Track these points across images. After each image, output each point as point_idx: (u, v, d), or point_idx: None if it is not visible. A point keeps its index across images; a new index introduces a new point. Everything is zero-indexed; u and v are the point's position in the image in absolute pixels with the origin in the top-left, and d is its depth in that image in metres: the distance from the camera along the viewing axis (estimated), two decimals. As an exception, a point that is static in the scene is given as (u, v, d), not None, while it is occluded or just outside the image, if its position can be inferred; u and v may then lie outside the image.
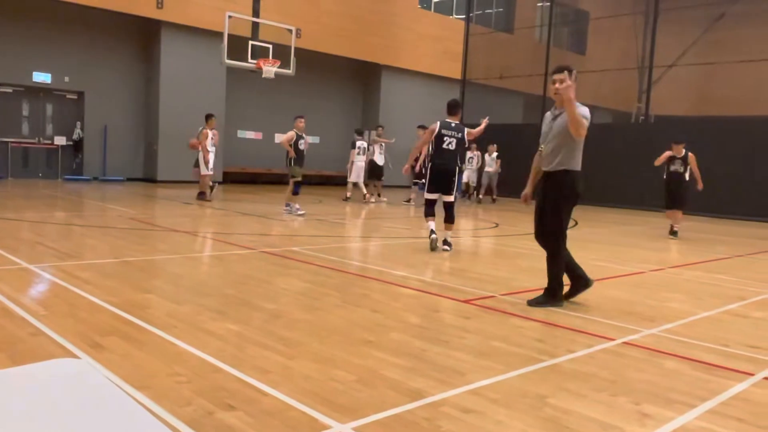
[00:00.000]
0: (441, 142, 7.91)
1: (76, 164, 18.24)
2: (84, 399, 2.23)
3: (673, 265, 7.99)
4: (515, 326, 4.46)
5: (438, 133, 7.90)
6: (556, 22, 24.96)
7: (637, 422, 2.86)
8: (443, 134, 7.91)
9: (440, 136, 7.90)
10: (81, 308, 4.29)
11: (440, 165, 7.94)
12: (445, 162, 7.93)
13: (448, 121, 8.00)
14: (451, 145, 7.92)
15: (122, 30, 18.33)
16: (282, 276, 5.89)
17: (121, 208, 11.10)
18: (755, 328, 4.87)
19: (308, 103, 22.35)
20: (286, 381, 3.13)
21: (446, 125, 7.97)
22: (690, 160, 10.95)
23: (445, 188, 8.01)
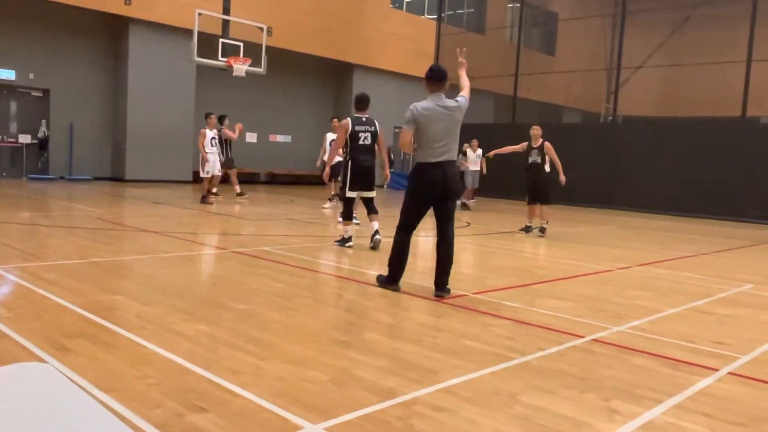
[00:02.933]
0: (357, 139, 7.84)
1: (41, 163, 17.85)
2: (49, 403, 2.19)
3: (641, 263, 8.13)
4: (487, 325, 4.50)
5: (352, 130, 7.82)
6: (527, 23, 25.23)
7: (606, 418, 2.91)
8: (357, 131, 7.84)
9: (354, 133, 7.83)
10: (47, 310, 4.20)
11: (363, 161, 7.86)
12: (366, 158, 7.88)
13: (358, 116, 7.95)
14: (366, 140, 7.87)
15: (89, 26, 17.99)
16: (254, 276, 5.84)
17: (88, 208, 10.90)
18: (720, 324, 4.98)
19: (280, 102, 22.24)
20: (258, 382, 3.10)
21: (358, 121, 7.90)
22: (547, 150, 10.31)
23: (368, 185, 7.99)
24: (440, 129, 5.26)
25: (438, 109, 5.28)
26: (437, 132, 5.25)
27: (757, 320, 5.19)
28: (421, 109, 5.28)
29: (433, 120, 5.24)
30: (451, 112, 5.32)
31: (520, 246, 9.48)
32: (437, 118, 5.26)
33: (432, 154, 5.24)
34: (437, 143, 5.24)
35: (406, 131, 5.31)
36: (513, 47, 23.12)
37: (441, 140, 5.26)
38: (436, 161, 5.24)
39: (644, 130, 19.59)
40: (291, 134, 22.62)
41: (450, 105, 5.34)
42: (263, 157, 21.90)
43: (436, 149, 5.24)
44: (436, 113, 5.26)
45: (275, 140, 22.46)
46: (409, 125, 5.29)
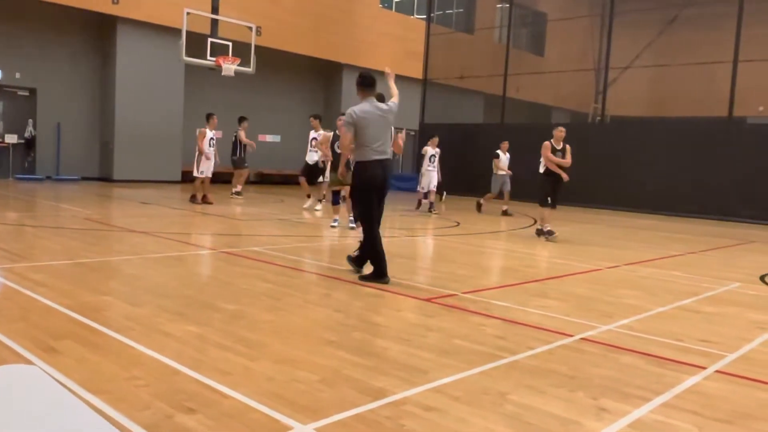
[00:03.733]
0: None
1: (28, 163, 17.69)
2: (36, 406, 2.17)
3: (629, 262, 8.18)
4: (477, 324, 4.51)
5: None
6: (515, 24, 25.32)
7: (595, 417, 2.92)
8: None
9: None
10: (34, 311, 4.17)
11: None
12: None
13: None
14: None
15: (76, 25, 17.85)
16: (243, 276, 5.82)
17: (76, 208, 10.82)
18: (707, 322, 5.02)
19: (269, 102, 22.17)
20: (248, 382, 3.09)
21: None
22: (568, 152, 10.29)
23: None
24: (377, 130, 5.82)
25: (375, 112, 5.84)
26: (375, 132, 5.80)
27: (744, 318, 5.24)
28: (359, 112, 5.80)
29: (370, 122, 5.79)
30: (385, 115, 5.91)
31: (510, 246, 9.51)
32: (374, 120, 5.81)
33: (372, 152, 5.80)
34: (375, 143, 5.80)
35: (347, 133, 5.81)
36: (502, 47, 23.19)
37: (378, 140, 5.82)
38: (377, 159, 5.81)
39: (632, 130, 19.70)
40: (280, 134, 22.55)
41: (384, 108, 5.94)
42: (252, 156, 21.74)
43: (375, 148, 5.80)
44: (373, 116, 5.81)
45: (264, 140, 22.38)
46: (349, 128, 5.79)
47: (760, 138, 16.95)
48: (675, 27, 24.77)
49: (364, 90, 5.94)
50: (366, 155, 5.80)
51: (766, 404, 3.24)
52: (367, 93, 5.93)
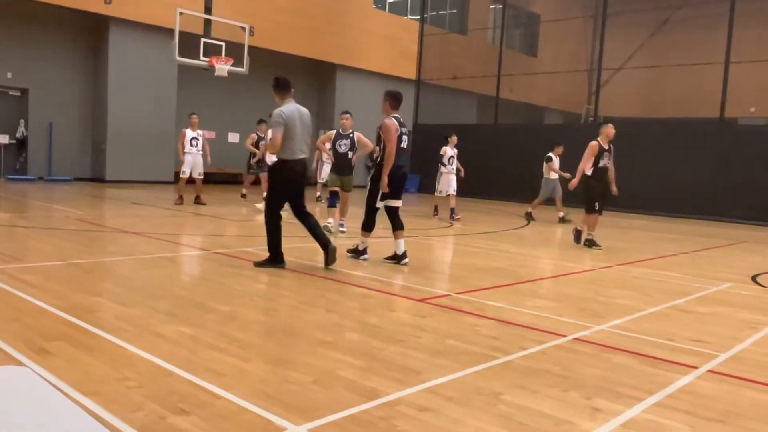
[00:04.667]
0: (400, 142, 6.86)
1: (19, 163, 17.60)
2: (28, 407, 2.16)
3: (622, 262, 8.21)
4: (470, 324, 4.51)
5: (399, 132, 6.88)
6: (509, 25, 25.38)
7: (588, 416, 2.93)
8: (402, 132, 6.91)
9: (399, 136, 6.88)
10: (26, 313, 4.14)
11: (399, 169, 6.91)
12: (402, 164, 6.96)
13: (398, 117, 6.97)
14: (405, 143, 6.99)
15: (69, 25, 17.76)
16: (236, 277, 5.81)
17: (68, 209, 10.77)
18: (699, 322, 5.04)
19: (262, 103, 22.11)
20: (241, 383, 3.09)
21: (400, 122, 6.95)
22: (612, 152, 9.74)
23: (399, 193, 7.05)
24: (300, 130, 6.20)
25: (297, 113, 6.22)
26: (298, 133, 6.18)
27: (735, 318, 5.26)
28: (287, 113, 6.12)
29: (296, 122, 6.16)
30: (304, 117, 6.29)
31: (504, 246, 9.53)
32: (300, 120, 6.21)
33: (295, 151, 6.17)
34: (298, 143, 6.18)
35: (279, 133, 6.05)
36: (495, 48, 23.25)
37: (301, 140, 6.21)
38: (299, 158, 6.21)
39: (624, 131, 19.69)
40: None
41: (303, 110, 6.33)
42: (246, 157, 21.73)
43: (298, 148, 6.18)
44: (297, 117, 6.19)
45: (258, 140, 22.35)
46: (280, 127, 6.05)
47: (752, 139, 17.06)
48: (667, 28, 24.87)
49: (282, 92, 6.29)
50: (290, 154, 6.17)
51: (757, 403, 3.26)
52: (285, 95, 6.28)
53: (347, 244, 7.70)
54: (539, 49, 28.70)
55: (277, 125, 6.08)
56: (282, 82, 6.32)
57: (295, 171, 6.23)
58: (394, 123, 6.81)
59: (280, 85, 6.31)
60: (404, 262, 6.84)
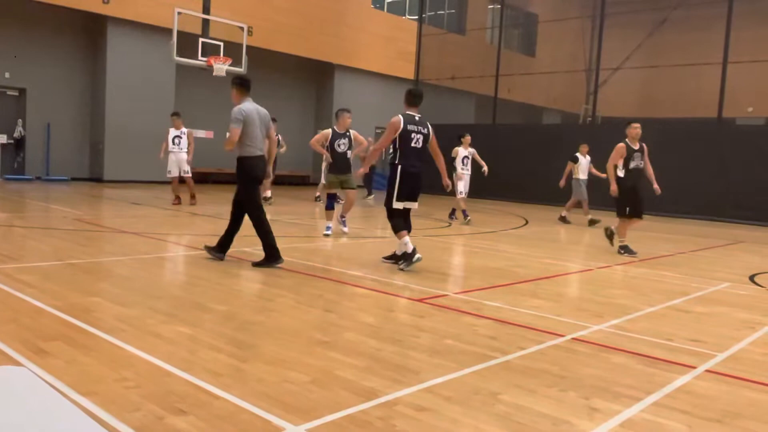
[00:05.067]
0: (408, 141, 6.68)
1: (17, 163, 17.57)
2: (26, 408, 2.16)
3: (620, 262, 8.21)
4: (468, 324, 4.51)
5: (403, 129, 6.66)
6: (507, 25, 25.40)
7: (586, 416, 2.93)
8: (409, 130, 6.68)
9: (406, 134, 6.67)
10: (23, 313, 4.14)
11: (411, 167, 6.73)
12: (415, 164, 6.76)
13: (410, 114, 6.77)
14: (418, 143, 6.75)
15: (67, 25, 17.74)
16: (234, 277, 5.81)
17: (66, 209, 10.75)
18: (697, 322, 5.05)
19: (260, 103, 21.94)
20: (239, 384, 3.08)
21: (410, 119, 6.73)
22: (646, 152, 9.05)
23: (415, 195, 6.89)
24: (259, 128, 6.41)
25: (256, 112, 6.43)
26: (257, 131, 6.40)
27: (733, 318, 5.27)
28: (247, 110, 6.34)
29: (255, 120, 6.37)
30: (262, 116, 6.48)
31: (502, 246, 9.53)
32: (258, 118, 6.41)
33: (255, 148, 6.39)
34: (257, 140, 6.41)
35: (237, 129, 6.24)
36: (493, 48, 23.25)
37: (259, 137, 6.43)
38: (260, 154, 6.45)
39: (622, 131, 19.77)
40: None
41: (261, 109, 6.53)
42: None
43: (257, 145, 6.41)
44: (256, 115, 6.40)
45: (256, 140, 22.36)
46: (239, 124, 6.26)
47: (749, 139, 17.08)
48: (665, 28, 24.91)
49: (243, 91, 6.49)
50: (251, 151, 6.38)
51: (755, 403, 3.26)
52: (245, 94, 6.48)
53: (348, 243, 7.70)
54: (537, 49, 28.72)
55: (237, 122, 6.27)
56: (246, 81, 6.58)
57: (255, 167, 6.43)
58: (399, 119, 6.69)
59: (244, 84, 6.53)
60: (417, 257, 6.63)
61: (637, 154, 8.79)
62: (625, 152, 8.78)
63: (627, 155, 8.78)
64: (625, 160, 8.79)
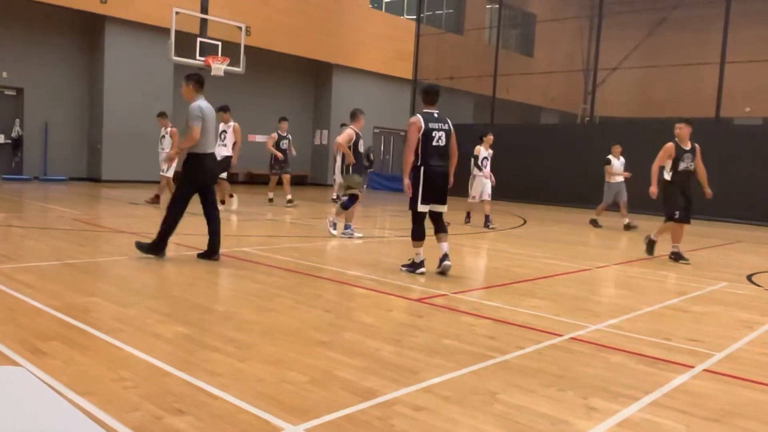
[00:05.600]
0: (430, 139, 6.31)
1: (15, 163, 17.54)
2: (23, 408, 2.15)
3: (618, 262, 8.22)
4: (467, 324, 4.52)
5: (425, 128, 6.30)
6: (505, 25, 25.40)
7: (584, 416, 2.94)
8: (430, 128, 6.32)
9: (428, 132, 6.30)
10: (21, 313, 4.13)
11: (436, 167, 6.37)
12: (440, 163, 6.41)
13: (429, 112, 6.43)
14: (441, 140, 6.39)
15: (64, 24, 17.72)
16: (232, 277, 5.80)
17: (64, 209, 10.74)
18: (695, 322, 5.06)
19: (258, 102, 22.10)
20: (237, 383, 3.08)
21: (430, 117, 6.39)
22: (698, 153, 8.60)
23: (442, 196, 6.52)
24: (213, 126, 6.64)
25: (210, 109, 6.58)
26: (212, 128, 6.60)
27: (731, 318, 5.28)
28: (205, 108, 6.48)
29: (211, 118, 6.55)
30: (213, 114, 6.63)
31: (500, 246, 9.54)
32: (211, 116, 6.56)
33: (207, 146, 6.53)
34: (211, 138, 6.60)
35: (198, 127, 6.35)
36: (492, 48, 23.25)
37: (213, 135, 6.66)
38: (210, 152, 6.59)
39: (620, 131, 19.77)
40: (270, 134, 22.48)
41: (210, 107, 6.64)
42: (242, 157, 21.62)
43: (210, 143, 6.59)
44: (210, 112, 6.55)
45: (254, 140, 22.33)
46: (198, 121, 6.37)
47: (747, 139, 17.10)
48: (663, 29, 24.94)
49: (198, 89, 6.58)
50: (205, 148, 6.52)
51: (753, 402, 3.27)
52: (200, 91, 6.59)
53: (346, 244, 7.70)
54: (535, 49, 28.74)
55: (197, 119, 6.37)
56: (202, 78, 6.69)
57: (206, 164, 6.54)
58: (418, 119, 6.35)
59: (200, 81, 6.62)
60: (445, 263, 6.43)
61: (687, 155, 8.29)
62: (674, 152, 8.28)
63: (676, 156, 8.27)
64: (674, 161, 8.29)
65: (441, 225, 6.64)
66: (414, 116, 6.46)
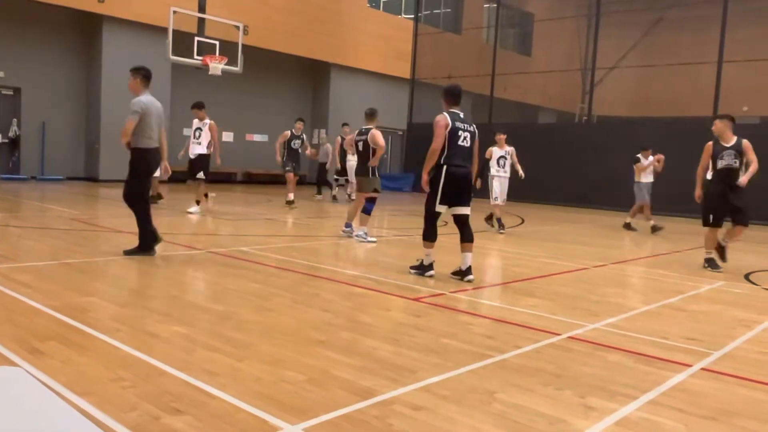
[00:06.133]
0: (455, 139, 6.16)
1: (12, 163, 17.52)
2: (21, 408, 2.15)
3: (615, 261, 8.23)
4: (464, 323, 4.52)
5: (452, 127, 6.14)
6: (503, 24, 25.41)
7: (582, 415, 2.94)
8: (457, 128, 6.16)
9: (454, 131, 6.14)
10: (19, 313, 4.12)
11: (459, 168, 6.19)
12: (463, 164, 6.23)
13: (455, 112, 6.27)
14: (466, 141, 6.23)
15: (62, 24, 17.69)
16: (230, 277, 5.80)
17: (62, 209, 10.72)
18: (693, 321, 5.07)
19: (256, 101, 22.10)
20: (236, 383, 3.08)
21: (456, 117, 6.22)
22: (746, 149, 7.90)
23: (463, 198, 6.33)
24: (155, 120, 6.59)
25: (154, 104, 6.60)
26: (154, 123, 6.57)
27: (728, 316, 5.29)
28: (146, 102, 6.49)
29: (152, 113, 6.54)
30: (159, 109, 6.66)
31: (498, 245, 9.54)
32: (155, 111, 6.58)
33: (150, 140, 6.55)
34: (153, 132, 6.58)
35: (134, 121, 6.40)
36: (489, 47, 23.27)
37: (155, 129, 6.61)
38: (155, 147, 6.63)
39: (618, 130, 19.85)
40: (268, 133, 22.48)
41: (157, 103, 6.69)
42: (240, 156, 21.75)
43: (154, 138, 6.59)
44: (154, 107, 6.57)
45: (252, 139, 22.33)
46: (136, 116, 6.41)
47: (744, 137, 17.11)
48: (661, 28, 24.97)
49: (145, 83, 6.62)
50: (146, 143, 6.53)
51: (750, 401, 3.27)
52: (147, 86, 6.63)
53: (344, 243, 7.69)
54: (533, 49, 28.76)
55: (135, 114, 6.41)
56: (149, 73, 6.72)
57: (150, 159, 6.60)
58: (445, 117, 6.18)
59: (147, 75, 6.67)
60: (468, 278, 6.13)
61: (728, 151, 7.69)
62: (712, 150, 7.79)
63: (713, 154, 7.78)
64: (713, 159, 7.83)
65: (468, 232, 6.37)
66: (440, 115, 6.25)
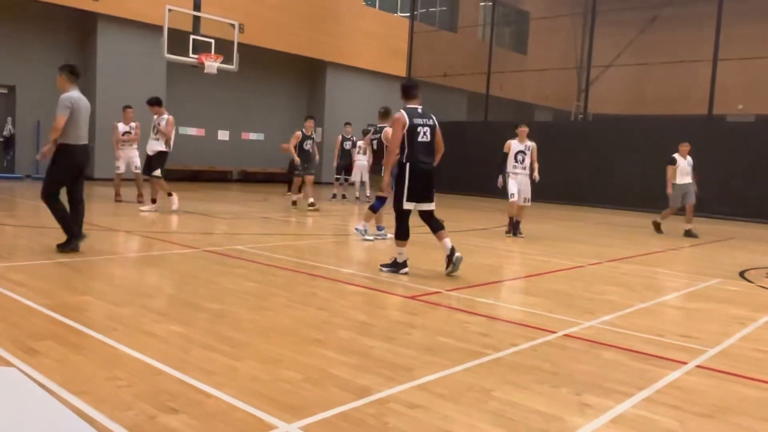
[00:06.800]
0: (415, 135, 6.14)
1: (7, 162, 17.45)
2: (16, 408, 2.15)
3: (611, 258, 8.25)
4: (461, 321, 4.52)
5: (410, 124, 6.12)
6: (498, 22, 25.43)
7: (578, 412, 2.95)
8: (415, 124, 6.14)
9: (413, 128, 6.13)
10: (13, 312, 4.11)
11: (422, 164, 6.21)
12: (426, 160, 6.24)
13: (413, 108, 6.26)
14: (426, 136, 6.21)
15: (57, 22, 17.62)
16: (227, 275, 5.79)
17: (56, 208, 10.65)
18: (688, 318, 5.08)
19: (252, 100, 22.06)
20: (232, 382, 3.08)
21: (413, 112, 6.21)
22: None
23: (428, 194, 6.36)
24: (85, 117, 6.58)
25: (84, 100, 6.61)
26: (83, 119, 6.55)
27: (724, 314, 5.31)
28: (76, 99, 6.48)
29: (82, 109, 6.54)
30: (86, 106, 6.64)
31: (494, 243, 9.55)
32: (85, 107, 6.58)
33: (78, 137, 6.50)
34: (82, 129, 6.56)
35: (64, 117, 6.34)
36: (485, 45, 23.28)
37: (85, 127, 6.59)
38: (81, 144, 6.56)
39: (614, 128, 19.89)
40: (263, 132, 22.46)
41: (85, 99, 6.68)
42: (235, 155, 21.73)
43: (81, 135, 6.54)
44: (83, 103, 6.58)
45: (248, 138, 22.29)
46: (66, 111, 6.35)
47: (739, 136, 17.18)
48: (656, 26, 25.02)
49: (72, 80, 6.60)
50: (76, 139, 6.49)
51: (745, 398, 3.29)
52: (74, 83, 6.61)
53: (342, 242, 7.67)
54: (529, 47, 28.78)
55: (65, 109, 6.35)
56: (76, 69, 6.70)
57: (75, 156, 6.52)
58: (403, 115, 6.14)
59: (74, 72, 6.64)
60: (456, 256, 6.24)
61: None
62: None
63: None
64: None
65: (435, 223, 6.48)
66: (398, 112, 6.24)
